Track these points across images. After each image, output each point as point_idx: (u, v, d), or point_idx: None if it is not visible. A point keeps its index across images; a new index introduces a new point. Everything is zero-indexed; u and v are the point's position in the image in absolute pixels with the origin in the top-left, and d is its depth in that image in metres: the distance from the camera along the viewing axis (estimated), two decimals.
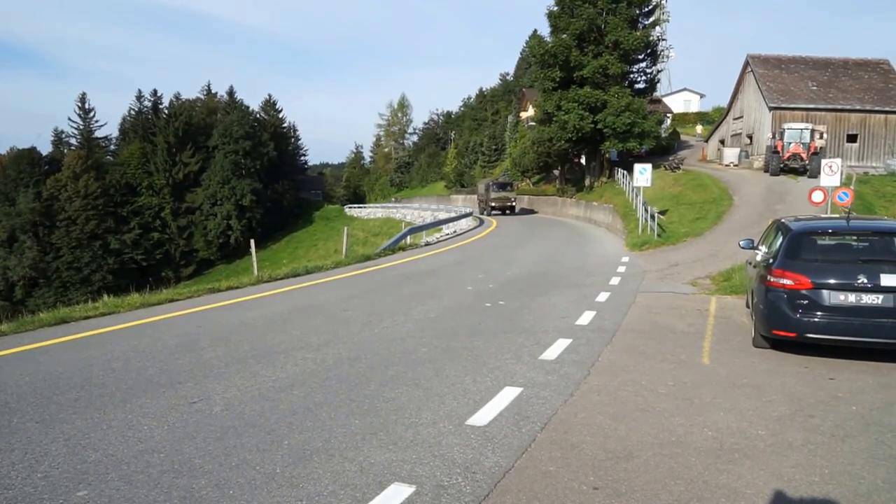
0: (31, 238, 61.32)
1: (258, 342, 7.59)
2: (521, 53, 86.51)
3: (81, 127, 75.77)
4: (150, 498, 3.64)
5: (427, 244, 23.99)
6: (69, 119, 78.53)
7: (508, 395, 5.51)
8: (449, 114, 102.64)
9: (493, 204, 43.07)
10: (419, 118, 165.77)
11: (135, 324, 8.97)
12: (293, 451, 4.27)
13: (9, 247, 61.07)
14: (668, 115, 52.43)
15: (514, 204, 43.62)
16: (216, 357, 6.88)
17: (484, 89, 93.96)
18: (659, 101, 47.29)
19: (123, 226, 66.06)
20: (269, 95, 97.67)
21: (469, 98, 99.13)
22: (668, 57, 38.59)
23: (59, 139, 77.23)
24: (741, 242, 9.26)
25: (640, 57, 36.98)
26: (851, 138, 34.11)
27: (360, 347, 7.28)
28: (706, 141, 43.02)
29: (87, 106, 75.98)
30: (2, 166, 66.64)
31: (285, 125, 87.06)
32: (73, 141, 76.15)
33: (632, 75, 37.74)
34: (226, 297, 11.38)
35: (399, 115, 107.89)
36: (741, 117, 37.60)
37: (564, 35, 35.01)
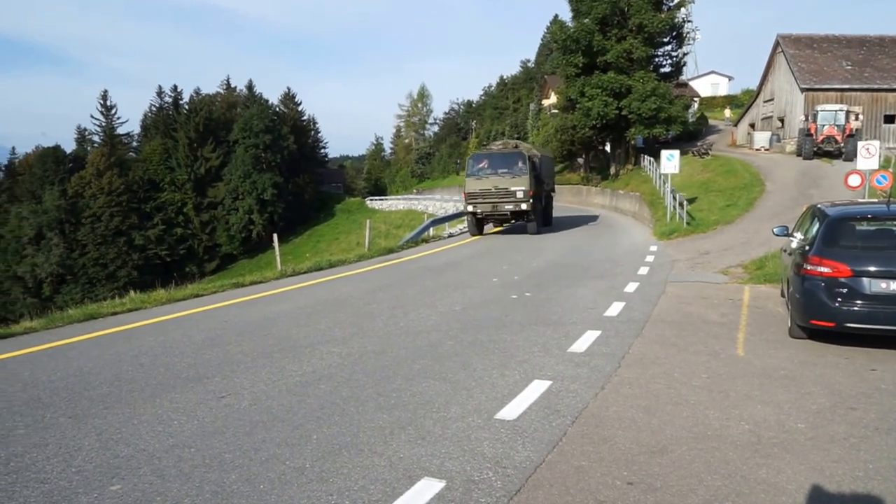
0: (57, 235, 62.49)
1: (284, 337, 7.60)
2: (541, 40, 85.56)
3: (104, 124, 76.24)
4: (183, 492, 3.64)
5: (450, 235, 23.93)
6: (91, 117, 79.14)
7: (537, 388, 5.43)
8: (469, 103, 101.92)
9: (477, 208, 20.61)
10: (439, 108, 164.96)
11: (161, 319, 9.06)
12: (322, 445, 4.25)
13: (36, 244, 62.32)
14: (696, 99, 51.43)
15: (525, 207, 20.32)
16: (243, 352, 6.91)
17: (505, 77, 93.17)
18: (685, 84, 46.33)
19: (147, 222, 66.85)
20: (288, 89, 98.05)
21: (490, 86, 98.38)
22: (694, 39, 37.48)
23: (82, 137, 77.93)
24: (775, 230, 9.02)
25: (666, 40, 36.21)
26: (889, 119, 33.05)
27: (386, 341, 7.25)
28: (735, 125, 42.13)
29: (108, 103, 76.44)
30: (28, 165, 67.86)
31: (305, 118, 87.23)
32: (95, 138, 76.78)
33: (657, 59, 37.01)
34: (250, 292, 11.46)
35: (419, 105, 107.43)
36: (772, 100, 36.71)
37: (587, 19, 34.40)
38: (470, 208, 20.68)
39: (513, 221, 23.39)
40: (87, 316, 9.28)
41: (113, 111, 76.46)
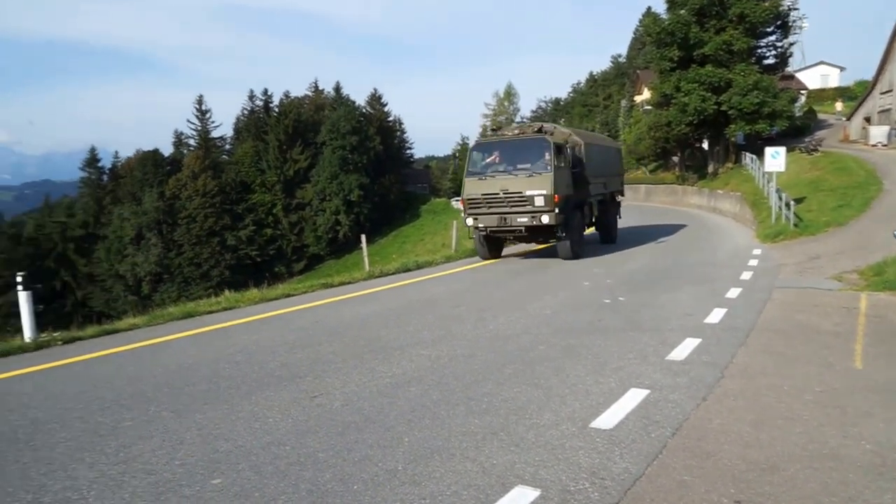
0: (155, 235, 66.32)
1: (373, 338, 7.70)
2: (633, 33, 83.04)
3: (199, 128, 79.31)
4: (280, 489, 3.71)
5: None
6: (188, 121, 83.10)
7: (635, 397, 5.18)
8: (557, 101, 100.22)
9: (479, 221, 14.77)
10: (526, 107, 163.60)
11: (254, 318, 9.44)
12: (413, 448, 4.22)
13: (136, 244, 66.25)
14: (803, 92, 48.30)
15: (548, 221, 13.96)
16: (333, 352, 7.05)
17: (594, 73, 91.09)
18: (792, 77, 43.55)
19: (239, 222, 69.49)
20: (375, 90, 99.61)
21: (578, 83, 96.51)
22: (800, 28, 35.02)
23: (179, 140, 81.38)
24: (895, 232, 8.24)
25: (769, 29, 34.16)
26: None
27: (475, 344, 7.18)
28: (848, 119, 39.17)
29: (203, 108, 79.59)
30: (130, 168, 72.27)
31: (391, 119, 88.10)
32: (191, 142, 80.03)
33: (759, 50, 35.01)
34: (339, 293, 11.73)
35: (505, 104, 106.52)
36: (891, 91, 33.80)
37: (682, 10, 33.05)
38: (470, 221, 14.50)
39: (536, 243, 16.66)
40: (185, 314, 9.82)
41: (207, 115, 79.60)
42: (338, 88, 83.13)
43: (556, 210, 13.87)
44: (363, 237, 18.96)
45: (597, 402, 5.06)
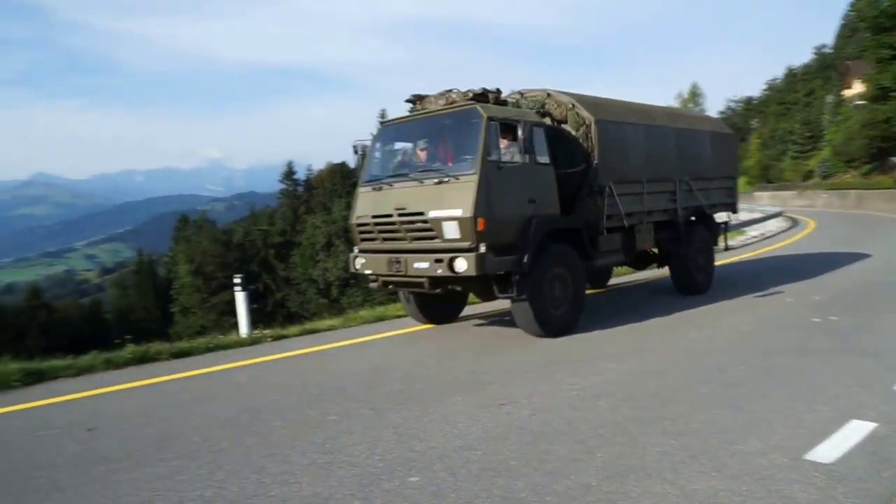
0: (343, 243, 71.20)
1: (558, 347, 7.63)
2: (842, 20, 74.26)
3: None
4: (474, 493, 3.79)
5: (728, 248, 21.86)
6: (371, 134, 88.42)
7: (857, 429, 4.56)
8: (749, 99, 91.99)
9: (366, 266, 8.45)
10: (713, 107, 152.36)
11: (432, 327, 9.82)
12: (607, 465, 4.09)
13: (326, 251, 71.50)
14: None
15: (466, 267, 7.16)
16: (518, 361, 7.10)
17: (793, 67, 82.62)
18: None
19: None
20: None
21: (774, 79, 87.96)
22: None
23: (363, 153, 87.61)
24: None
25: None
26: None
27: (664, 360, 6.81)
28: None
29: (384, 119, 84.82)
30: (321, 180, 78.57)
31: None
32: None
33: None
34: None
35: (690, 105, 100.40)
36: None
37: None
38: (358, 264, 8.65)
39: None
40: (375, 318, 10.49)
41: None
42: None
43: (484, 247, 7.20)
44: None
45: (811, 433, 4.54)
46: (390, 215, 8.05)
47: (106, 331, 49.20)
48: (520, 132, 7.54)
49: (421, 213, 7.65)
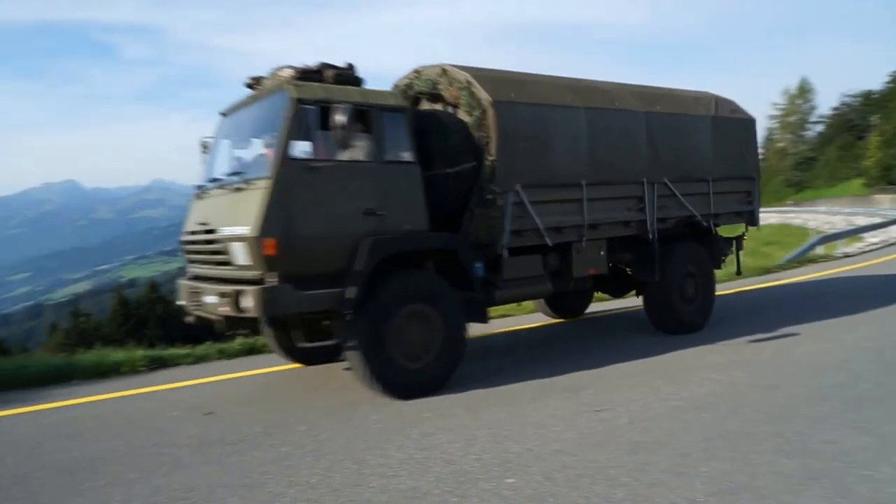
0: None
1: (654, 356, 7.40)
2: None
3: None
4: (571, 498, 3.70)
5: (845, 256, 20.34)
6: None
7: None
8: (868, 93, 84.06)
9: (184, 297, 6.64)
10: (825, 103, 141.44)
11: (536, 325, 9.80)
12: (714, 480, 3.88)
13: None
14: None
15: (250, 306, 5.36)
16: (614, 367, 6.96)
17: None
18: None
19: None
20: None
21: None
22: None
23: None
24: None
25: None
26: None
27: (776, 373, 6.39)
28: None
29: None
30: None
31: None
32: None
33: None
34: (613, 306, 11.39)
35: (799, 102, 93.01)
36: None
37: None
38: (182, 297, 6.64)
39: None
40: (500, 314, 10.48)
41: None
42: None
43: (275, 278, 5.41)
44: None
45: None
46: (194, 233, 6.45)
47: None
48: (337, 118, 5.41)
49: (213, 231, 5.96)
